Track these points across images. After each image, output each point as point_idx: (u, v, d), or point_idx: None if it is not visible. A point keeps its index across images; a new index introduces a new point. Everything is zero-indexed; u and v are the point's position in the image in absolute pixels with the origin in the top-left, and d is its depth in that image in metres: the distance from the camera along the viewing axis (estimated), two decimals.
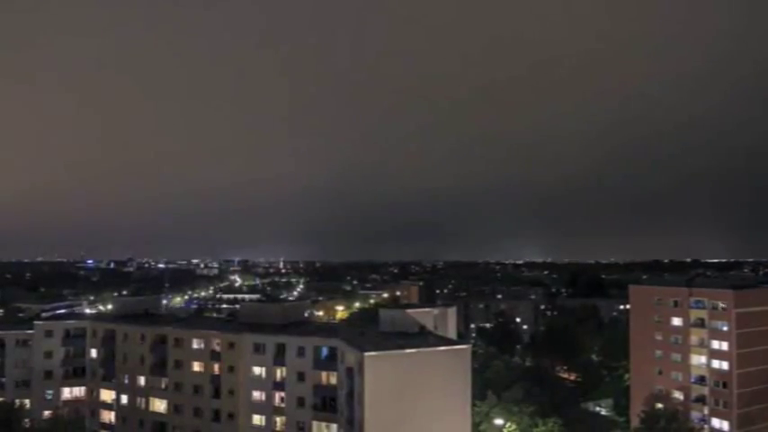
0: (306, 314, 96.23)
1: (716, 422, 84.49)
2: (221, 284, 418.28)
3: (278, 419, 71.84)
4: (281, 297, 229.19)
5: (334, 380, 67.97)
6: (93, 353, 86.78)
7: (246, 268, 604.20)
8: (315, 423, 68.94)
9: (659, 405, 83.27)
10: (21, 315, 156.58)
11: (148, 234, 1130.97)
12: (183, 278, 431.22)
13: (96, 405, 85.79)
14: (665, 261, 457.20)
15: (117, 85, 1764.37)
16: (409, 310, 71.46)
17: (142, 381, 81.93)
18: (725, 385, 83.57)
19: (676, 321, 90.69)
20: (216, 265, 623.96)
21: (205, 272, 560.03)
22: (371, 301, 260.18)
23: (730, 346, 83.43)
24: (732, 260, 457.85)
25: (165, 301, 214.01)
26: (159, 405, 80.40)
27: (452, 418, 58.06)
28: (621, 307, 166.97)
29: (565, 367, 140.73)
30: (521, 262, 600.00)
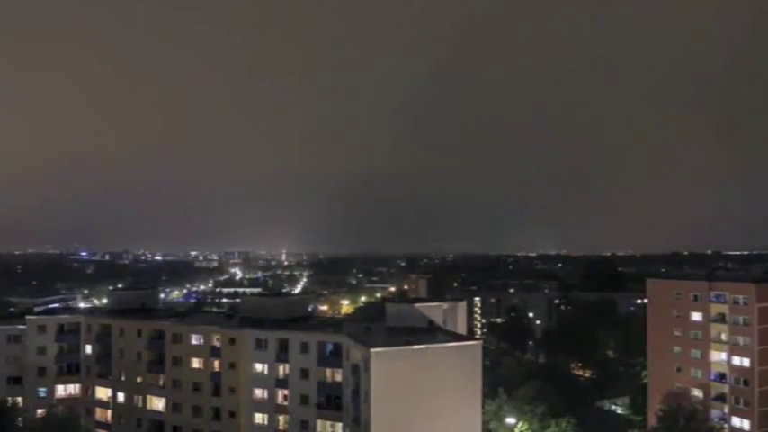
0: (309, 308, 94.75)
1: (736, 421, 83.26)
2: (221, 277, 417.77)
3: (281, 418, 70.69)
4: (284, 291, 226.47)
5: (339, 377, 66.99)
6: (88, 349, 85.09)
7: (247, 261, 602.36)
8: (319, 421, 68.09)
9: (677, 403, 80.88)
10: (12, 309, 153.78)
11: (145, 224, 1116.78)
12: (182, 271, 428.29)
13: (91, 403, 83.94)
14: (685, 253, 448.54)
15: (108, 76, 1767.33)
16: (417, 305, 70.51)
17: (139, 378, 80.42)
18: (746, 383, 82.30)
19: (696, 316, 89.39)
20: (215, 258, 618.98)
21: (204, 264, 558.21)
22: (378, 294, 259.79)
23: (752, 341, 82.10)
24: (755, 252, 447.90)
25: (162, 295, 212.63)
26: (157, 403, 78.89)
27: (462, 417, 56.97)
28: (639, 301, 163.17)
29: (579, 364, 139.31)
30: (534, 254, 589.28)
